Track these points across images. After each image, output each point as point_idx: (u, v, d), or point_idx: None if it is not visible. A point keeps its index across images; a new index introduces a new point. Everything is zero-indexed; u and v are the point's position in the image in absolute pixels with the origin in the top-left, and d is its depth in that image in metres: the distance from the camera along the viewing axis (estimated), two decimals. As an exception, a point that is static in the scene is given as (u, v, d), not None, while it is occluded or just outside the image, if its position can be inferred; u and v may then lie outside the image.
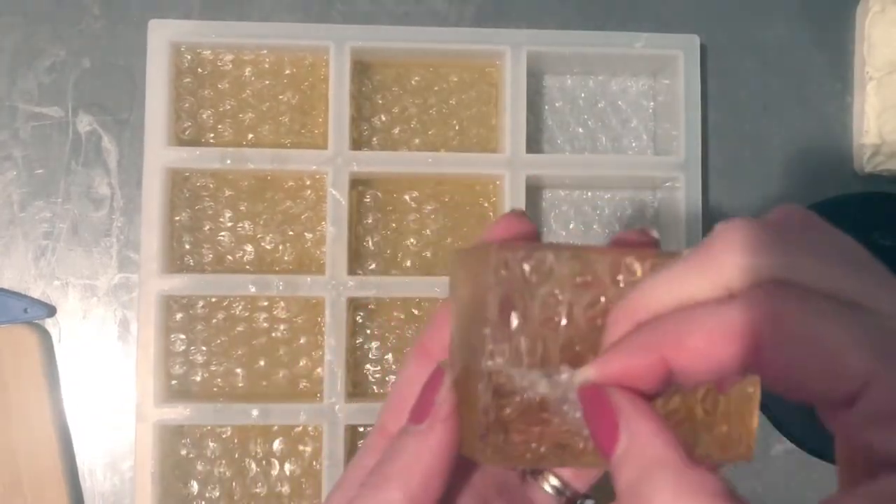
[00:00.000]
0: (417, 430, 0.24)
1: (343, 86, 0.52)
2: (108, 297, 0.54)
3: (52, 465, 0.51)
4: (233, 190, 0.54)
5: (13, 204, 0.53)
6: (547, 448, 0.23)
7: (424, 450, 0.24)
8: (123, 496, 0.53)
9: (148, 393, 0.50)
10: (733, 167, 0.57)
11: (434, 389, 0.25)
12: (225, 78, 0.55)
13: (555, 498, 0.29)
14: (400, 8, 0.56)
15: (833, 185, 0.57)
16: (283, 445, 0.53)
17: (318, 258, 0.54)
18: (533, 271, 0.23)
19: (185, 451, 0.52)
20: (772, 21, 0.58)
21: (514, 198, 0.52)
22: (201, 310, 0.53)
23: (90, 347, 0.53)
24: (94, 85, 0.54)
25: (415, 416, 0.25)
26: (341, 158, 0.52)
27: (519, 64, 0.53)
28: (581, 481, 0.29)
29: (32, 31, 0.54)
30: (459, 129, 0.56)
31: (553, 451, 0.23)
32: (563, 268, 0.23)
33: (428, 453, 0.24)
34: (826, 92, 0.58)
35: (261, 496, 0.52)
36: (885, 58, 0.56)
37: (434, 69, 0.56)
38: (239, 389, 0.53)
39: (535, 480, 0.29)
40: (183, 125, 0.54)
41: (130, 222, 0.54)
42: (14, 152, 0.54)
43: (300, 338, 0.54)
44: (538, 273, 0.23)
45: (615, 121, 0.57)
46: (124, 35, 0.55)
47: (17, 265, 0.53)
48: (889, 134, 0.55)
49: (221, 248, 0.54)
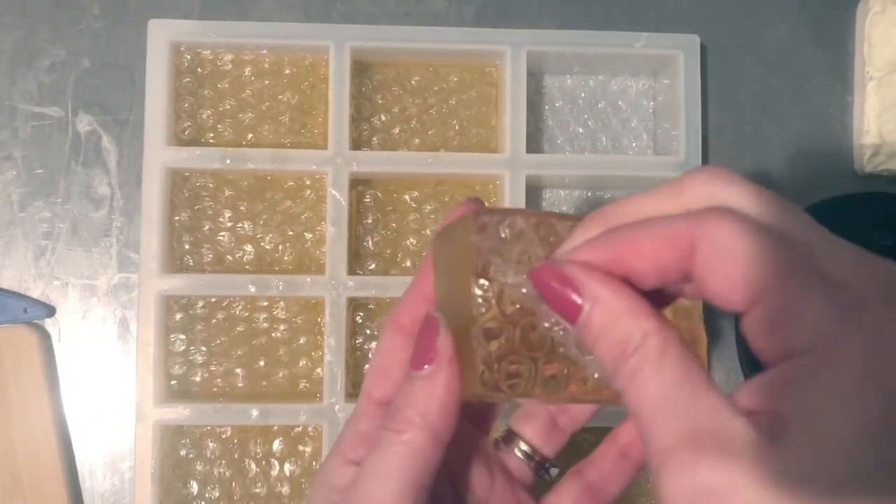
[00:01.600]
0: (426, 374, 0.27)
1: (343, 86, 0.52)
2: (107, 297, 0.54)
3: (52, 464, 0.51)
4: (233, 190, 0.54)
5: (13, 204, 0.53)
6: (537, 381, 0.26)
7: (438, 390, 0.26)
8: (123, 496, 0.53)
9: (148, 393, 0.50)
10: (733, 167, 0.56)
11: (431, 336, 0.27)
12: (225, 78, 0.55)
13: (525, 462, 0.32)
14: (400, 8, 0.56)
15: (833, 185, 0.57)
16: (283, 445, 0.53)
17: (318, 258, 0.54)
18: (508, 232, 0.26)
19: (185, 452, 0.52)
20: (772, 21, 0.58)
21: (514, 198, 0.52)
22: (201, 310, 0.53)
23: (90, 347, 0.53)
24: (93, 85, 0.54)
25: (417, 362, 0.27)
26: (341, 158, 0.52)
27: (519, 64, 0.53)
28: (548, 447, 0.32)
29: (32, 30, 0.54)
30: (459, 129, 0.56)
31: (542, 384, 0.26)
32: (531, 229, 0.26)
33: (442, 391, 0.26)
34: (826, 92, 0.58)
35: (260, 496, 0.52)
36: (886, 58, 0.56)
37: (434, 69, 0.56)
38: (239, 389, 0.53)
39: (507, 447, 0.32)
40: (183, 125, 0.54)
41: (130, 222, 0.54)
42: (14, 152, 0.54)
43: (300, 338, 0.54)
44: (512, 233, 0.26)
45: (615, 121, 0.57)
46: (124, 35, 0.55)
47: (16, 265, 0.53)
48: (889, 134, 0.55)
49: (221, 248, 0.54)
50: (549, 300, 0.25)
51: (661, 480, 0.21)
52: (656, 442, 0.22)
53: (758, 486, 0.20)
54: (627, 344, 0.23)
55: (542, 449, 0.32)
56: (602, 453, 0.32)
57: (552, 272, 0.24)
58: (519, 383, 0.26)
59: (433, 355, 0.27)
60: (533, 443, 0.32)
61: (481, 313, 0.26)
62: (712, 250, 0.22)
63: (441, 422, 0.27)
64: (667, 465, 0.21)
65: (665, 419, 0.22)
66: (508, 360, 0.26)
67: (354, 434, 0.29)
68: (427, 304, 0.29)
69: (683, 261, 0.23)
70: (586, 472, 0.32)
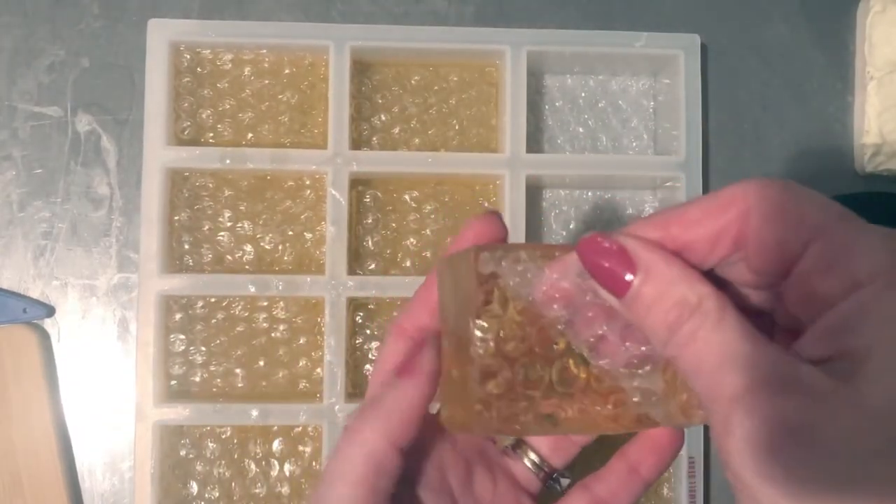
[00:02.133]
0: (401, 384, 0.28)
1: (343, 85, 0.52)
2: (107, 297, 0.54)
3: (52, 464, 0.51)
4: (232, 190, 0.54)
5: (12, 204, 0.53)
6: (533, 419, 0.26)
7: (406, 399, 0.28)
8: (123, 496, 0.53)
9: (147, 393, 0.50)
10: (733, 167, 0.57)
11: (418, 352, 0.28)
12: (224, 77, 0.54)
13: (533, 472, 0.32)
14: (400, 8, 0.56)
15: (833, 185, 0.57)
16: (283, 446, 0.53)
17: (318, 258, 0.54)
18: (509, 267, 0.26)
19: (185, 452, 0.52)
20: (772, 21, 0.58)
21: (513, 198, 0.52)
22: (201, 310, 0.53)
23: (89, 347, 0.53)
24: (93, 84, 0.54)
25: (400, 371, 0.28)
26: (341, 158, 0.52)
27: (519, 64, 0.53)
28: (558, 458, 0.32)
29: (32, 30, 0.54)
30: (459, 128, 0.56)
31: (539, 421, 0.26)
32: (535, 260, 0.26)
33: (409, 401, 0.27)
34: (826, 92, 0.58)
35: (260, 496, 0.52)
36: (886, 57, 0.56)
37: (434, 69, 0.56)
38: (238, 390, 0.53)
39: (515, 454, 0.32)
40: (182, 125, 0.54)
41: (130, 222, 0.54)
42: (13, 152, 0.54)
43: (300, 338, 0.54)
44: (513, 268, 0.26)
45: (615, 120, 0.57)
46: (123, 35, 0.55)
47: (16, 265, 0.53)
48: (890, 134, 0.55)
49: (221, 248, 0.54)
50: (597, 272, 0.24)
51: (734, 423, 0.21)
52: (725, 389, 0.21)
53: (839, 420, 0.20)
54: (684, 307, 0.23)
55: (551, 460, 0.32)
56: (611, 468, 0.32)
57: (602, 240, 0.24)
58: (516, 422, 0.26)
59: (415, 370, 0.27)
60: (542, 453, 0.32)
61: (479, 354, 0.25)
62: (766, 203, 0.23)
63: (400, 429, 0.27)
64: (741, 407, 0.21)
65: (732, 369, 0.21)
66: (507, 399, 0.26)
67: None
68: (430, 313, 0.29)
69: (736, 224, 0.23)
70: (594, 487, 0.32)
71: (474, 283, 0.25)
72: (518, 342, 0.26)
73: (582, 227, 0.56)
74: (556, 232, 0.56)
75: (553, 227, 0.56)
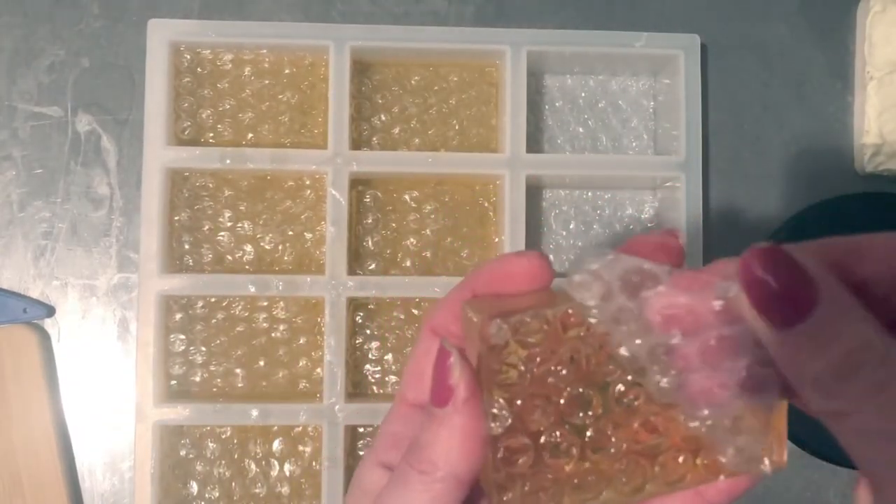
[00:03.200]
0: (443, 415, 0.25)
1: (343, 85, 0.52)
2: (107, 297, 0.54)
3: (52, 464, 0.51)
4: (232, 190, 0.54)
5: (12, 204, 0.53)
6: (563, 492, 0.24)
7: (456, 434, 0.25)
8: (123, 496, 0.53)
9: (147, 393, 0.50)
10: (733, 167, 0.57)
11: (444, 371, 0.25)
12: (224, 77, 0.54)
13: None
14: (400, 8, 0.56)
15: (833, 185, 0.57)
16: (283, 446, 0.53)
17: (318, 258, 0.54)
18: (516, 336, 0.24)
19: (185, 452, 0.52)
20: (772, 21, 0.58)
21: (513, 198, 0.52)
22: (201, 310, 0.53)
23: (89, 347, 0.53)
24: (93, 85, 0.54)
25: (435, 399, 0.25)
26: (341, 158, 0.52)
27: (519, 64, 0.53)
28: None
29: (32, 30, 0.54)
30: (459, 129, 0.56)
31: (570, 493, 0.24)
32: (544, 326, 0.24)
33: (460, 435, 0.25)
34: (826, 92, 0.58)
35: (260, 497, 0.52)
36: (886, 57, 0.56)
37: (434, 69, 0.56)
38: (238, 390, 0.53)
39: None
40: (182, 125, 0.54)
41: (130, 222, 0.54)
42: (13, 152, 0.54)
43: (300, 338, 0.54)
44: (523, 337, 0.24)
45: (615, 120, 0.57)
46: (124, 35, 0.55)
47: (16, 265, 0.53)
48: (890, 134, 0.55)
49: (221, 248, 0.54)
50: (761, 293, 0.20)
51: None
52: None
53: None
54: (869, 352, 0.19)
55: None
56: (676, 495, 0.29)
57: (774, 252, 0.20)
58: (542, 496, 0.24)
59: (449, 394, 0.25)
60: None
61: (500, 434, 0.24)
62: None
63: (465, 464, 0.25)
64: None
65: None
66: (531, 474, 0.24)
67: (387, 436, 0.29)
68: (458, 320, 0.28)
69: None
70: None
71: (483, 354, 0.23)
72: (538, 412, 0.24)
73: (582, 227, 0.56)
74: (556, 232, 0.56)
75: (553, 227, 0.56)
